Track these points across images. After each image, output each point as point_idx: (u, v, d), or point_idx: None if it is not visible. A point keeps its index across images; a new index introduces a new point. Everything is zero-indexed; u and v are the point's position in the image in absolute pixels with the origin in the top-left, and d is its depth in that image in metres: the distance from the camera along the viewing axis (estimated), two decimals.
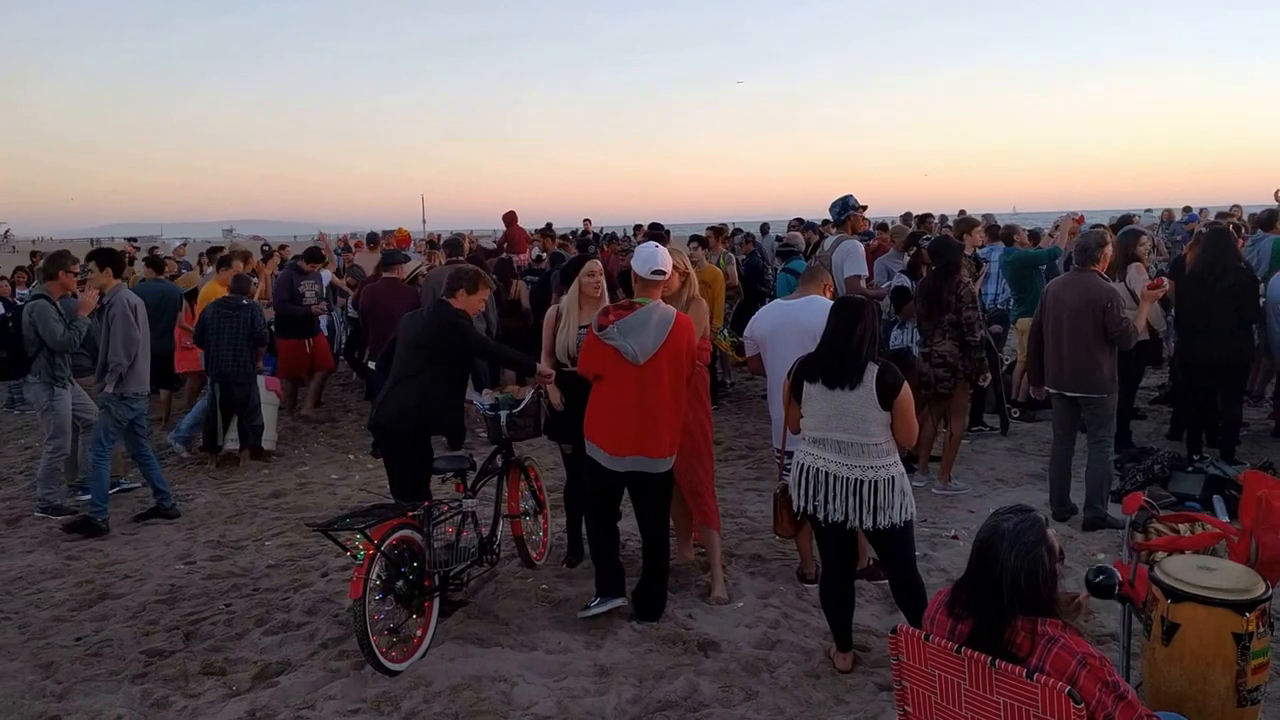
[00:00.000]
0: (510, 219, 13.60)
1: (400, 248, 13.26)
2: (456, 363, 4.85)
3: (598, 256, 7.03)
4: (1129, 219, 11.02)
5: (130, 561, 5.69)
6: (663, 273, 4.48)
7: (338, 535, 4.01)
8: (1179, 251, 10.23)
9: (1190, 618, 3.07)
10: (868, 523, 3.74)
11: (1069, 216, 9.47)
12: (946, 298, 6.20)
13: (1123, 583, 3.13)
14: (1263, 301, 7.11)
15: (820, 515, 3.82)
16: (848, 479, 3.74)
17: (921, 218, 12.26)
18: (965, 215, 11.05)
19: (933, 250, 6.59)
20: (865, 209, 7.01)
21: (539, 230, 13.47)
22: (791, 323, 4.75)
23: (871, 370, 3.73)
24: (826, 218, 10.40)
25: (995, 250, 8.99)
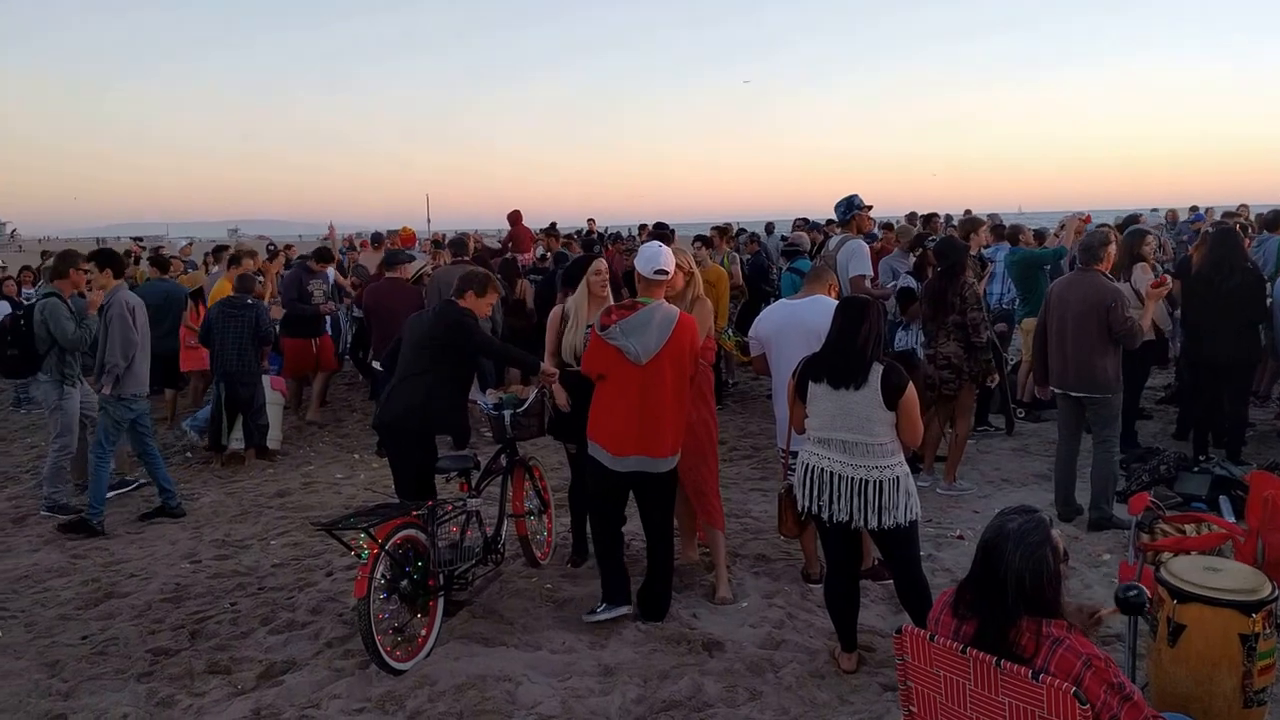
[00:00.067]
0: (515, 218, 13.60)
1: (405, 247, 13.27)
2: (461, 361, 4.85)
3: (602, 256, 7.03)
4: (1135, 218, 11.00)
5: (136, 560, 5.70)
6: (665, 272, 4.47)
7: (342, 534, 4.01)
8: (1184, 252, 10.21)
9: (1196, 619, 3.06)
10: (872, 523, 3.73)
11: (1075, 216, 9.46)
12: (951, 299, 6.19)
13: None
14: (1269, 301, 7.09)
15: (825, 515, 3.81)
16: (852, 479, 3.74)
17: (927, 217, 12.24)
18: (971, 215, 11.03)
19: (938, 251, 6.57)
20: (870, 208, 7.00)
21: (543, 230, 13.48)
22: (796, 322, 4.74)
23: (876, 370, 3.73)
24: (831, 217, 10.39)
25: (1001, 250, 8.97)
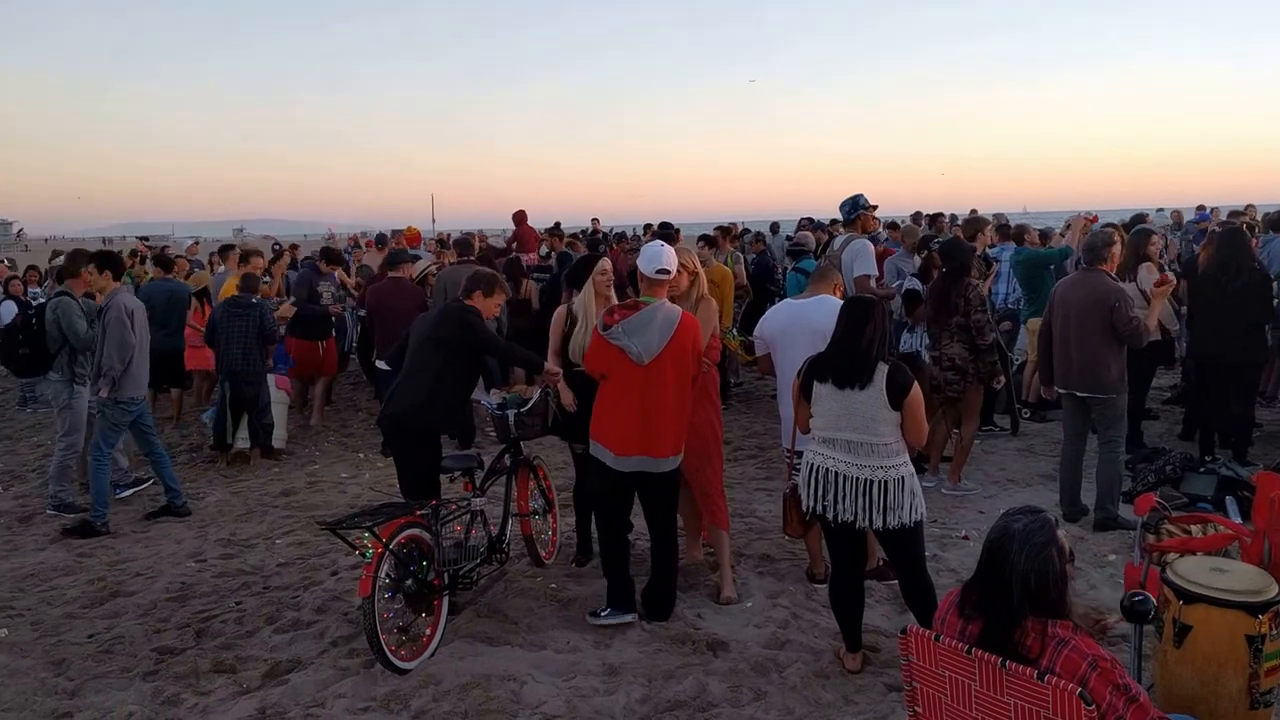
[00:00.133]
0: (520, 218, 13.61)
1: (410, 246, 13.28)
2: (467, 359, 4.85)
3: (607, 255, 7.03)
4: (1142, 218, 10.96)
5: (141, 559, 5.72)
6: (667, 272, 4.46)
7: (347, 534, 4.02)
8: (1189, 252, 10.18)
9: (1202, 619, 3.06)
10: (877, 523, 3.73)
11: (1081, 216, 9.43)
12: (955, 300, 6.18)
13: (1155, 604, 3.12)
14: (1276, 302, 7.07)
15: (830, 515, 3.81)
16: (857, 479, 3.73)
17: (933, 217, 12.23)
18: (976, 215, 11.01)
19: (944, 252, 6.56)
20: (875, 208, 6.98)
21: (547, 230, 13.48)
22: (801, 322, 4.74)
23: (881, 370, 3.72)
24: (835, 217, 10.37)
25: (1006, 250, 8.95)
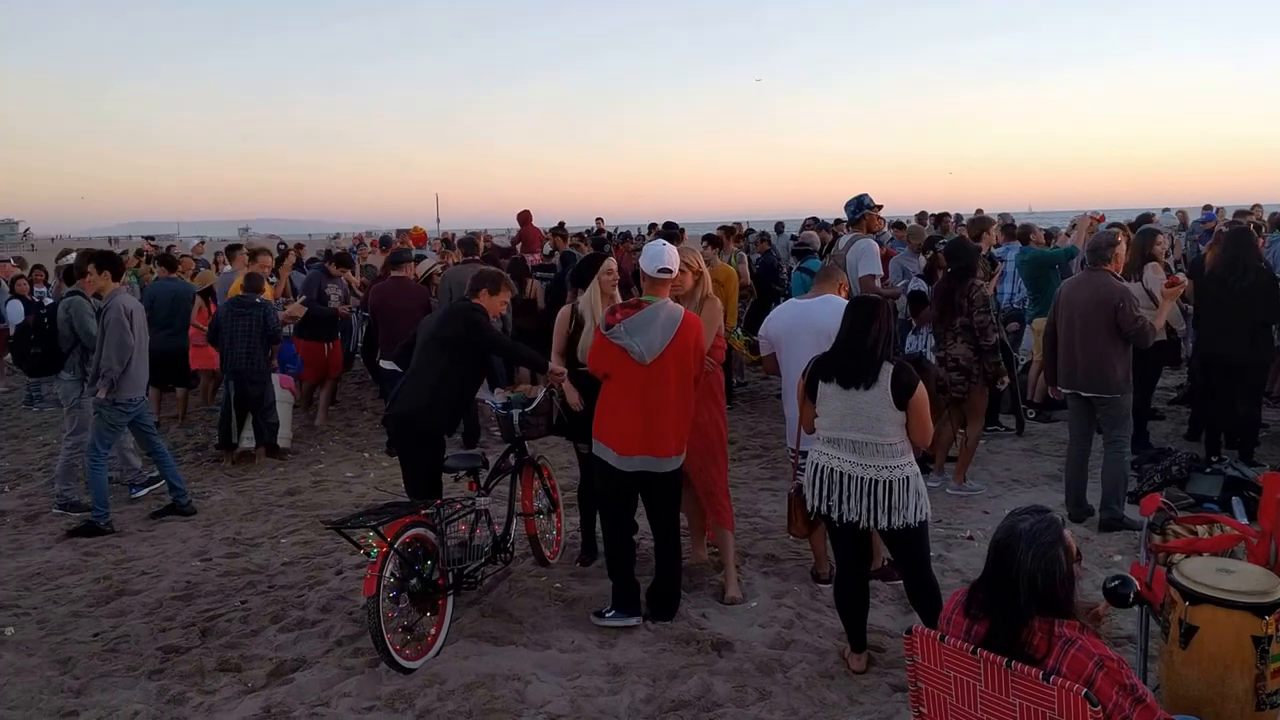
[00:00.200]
0: (525, 218, 13.63)
1: (416, 246, 13.30)
2: (472, 358, 4.85)
3: (612, 255, 7.03)
4: (1148, 217, 10.93)
5: (147, 558, 5.73)
6: (669, 271, 4.45)
7: (352, 533, 4.02)
8: (1195, 252, 10.15)
9: (1209, 620, 3.04)
10: (882, 523, 3.72)
11: (1087, 215, 9.40)
12: (959, 301, 6.17)
13: (1141, 588, 3.11)
14: None
15: (835, 515, 3.81)
16: (862, 479, 3.73)
17: (938, 217, 12.21)
18: (981, 214, 10.99)
19: (949, 252, 6.55)
20: (880, 208, 6.98)
21: (551, 229, 13.50)
22: (806, 322, 4.73)
23: (886, 370, 3.72)
24: (840, 216, 10.36)
25: (1011, 249, 8.94)
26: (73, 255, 8.12)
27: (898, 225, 11.25)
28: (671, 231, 9.79)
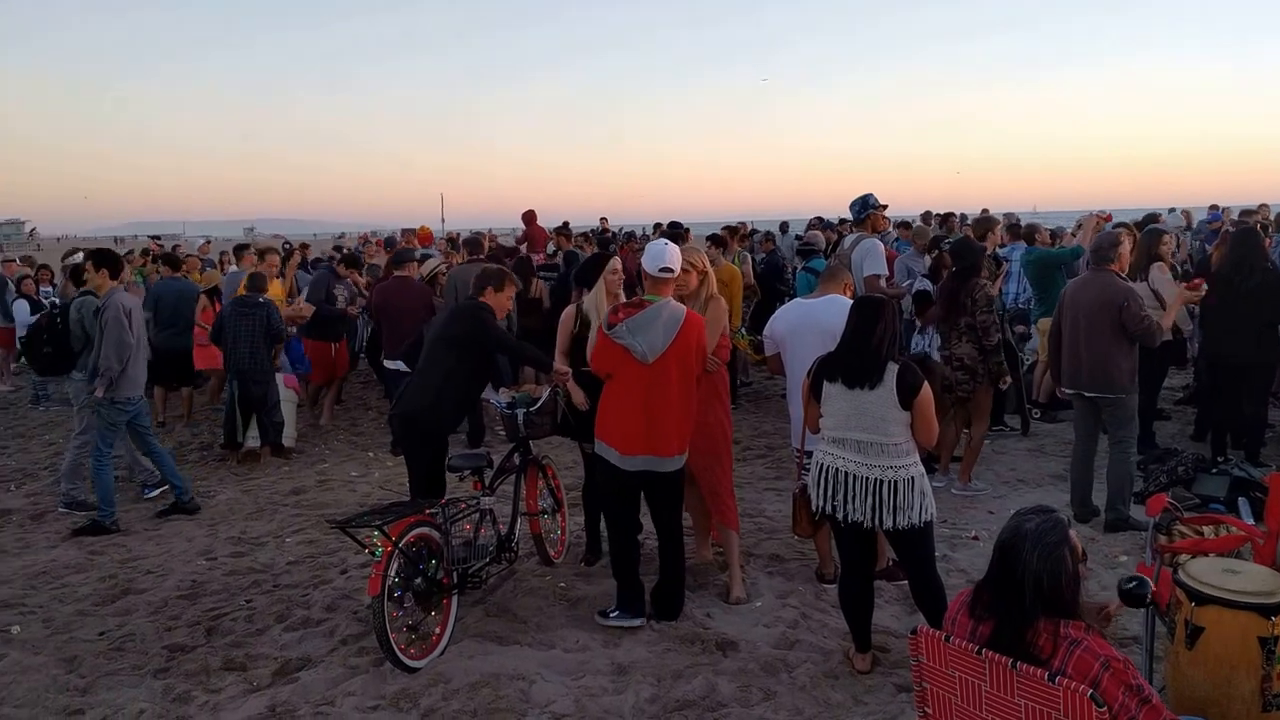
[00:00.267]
0: (529, 218, 13.65)
1: (423, 245, 13.32)
2: (479, 357, 4.86)
3: (617, 254, 7.03)
4: (1154, 217, 10.91)
5: (153, 557, 5.74)
6: (671, 270, 4.44)
7: (356, 532, 4.02)
8: (1201, 252, 10.11)
9: (1215, 621, 3.03)
10: (887, 523, 3.72)
11: (1093, 215, 9.38)
12: (963, 300, 6.17)
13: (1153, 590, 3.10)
14: None
15: (839, 515, 3.80)
16: (867, 479, 3.72)
17: (944, 217, 12.19)
18: (986, 214, 10.98)
19: (954, 252, 6.55)
20: (885, 207, 6.97)
21: (556, 229, 13.52)
22: (811, 322, 4.73)
23: (892, 370, 3.71)
24: (844, 216, 10.34)
25: (1017, 249, 8.92)
26: (79, 255, 8.14)
27: (903, 225, 11.23)
28: (676, 231, 9.79)
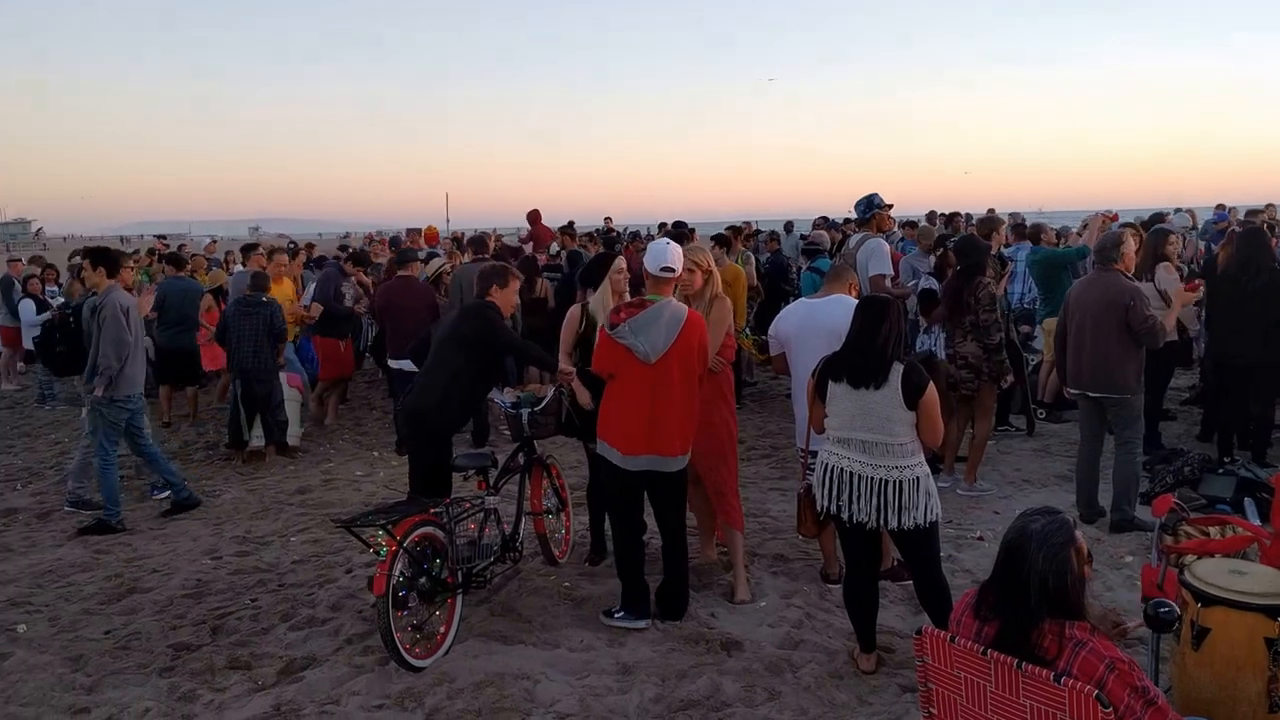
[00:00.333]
0: (535, 217, 13.64)
1: (430, 245, 13.33)
2: (486, 357, 4.86)
3: (622, 254, 7.03)
4: (1160, 217, 10.87)
5: (158, 556, 5.75)
6: (672, 270, 4.43)
7: (361, 531, 4.03)
8: (1208, 252, 10.08)
9: (1221, 622, 3.03)
10: (892, 523, 3.71)
11: (1100, 214, 9.35)
12: (967, 299, 6.16)
13: (1152, 589, 3.09)
14: None
15: (844, 515, 3.80)
16: (872, 479, 3.72)
17: (949, 217, 12.16)
18: (992, 214, 10.95)
19: (958, 250, 6.54)
20: (890, 207, 6.95)
21: (560, 229, 13.50)
22: (816, 322, 4.72)
23: (897, 370, 3.71)
24: (848, 215, 10.32)
25: (1022, 249, 8.90)
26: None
27: (908, 224, 11.21)
28: (680, 231, 9.78)
